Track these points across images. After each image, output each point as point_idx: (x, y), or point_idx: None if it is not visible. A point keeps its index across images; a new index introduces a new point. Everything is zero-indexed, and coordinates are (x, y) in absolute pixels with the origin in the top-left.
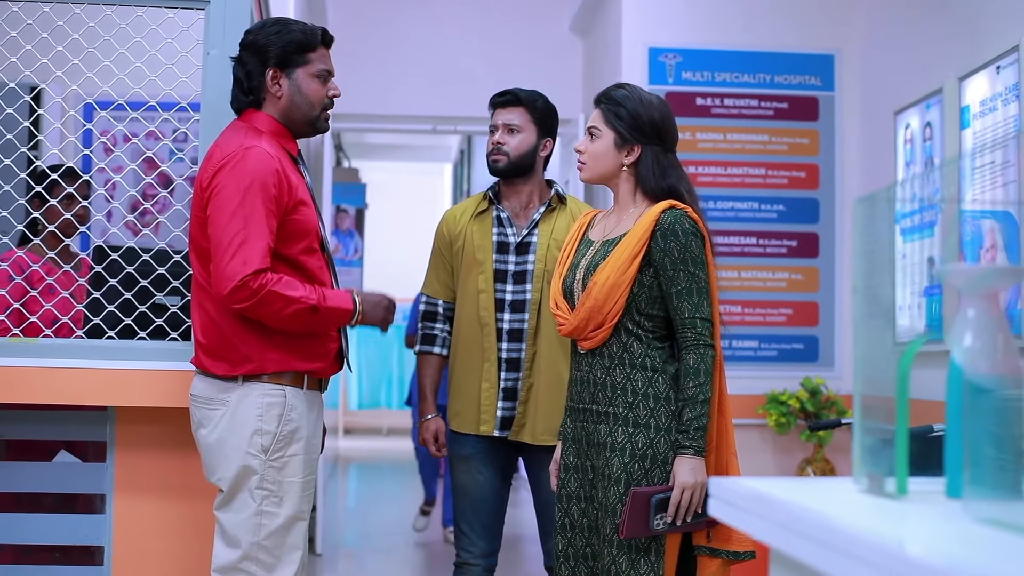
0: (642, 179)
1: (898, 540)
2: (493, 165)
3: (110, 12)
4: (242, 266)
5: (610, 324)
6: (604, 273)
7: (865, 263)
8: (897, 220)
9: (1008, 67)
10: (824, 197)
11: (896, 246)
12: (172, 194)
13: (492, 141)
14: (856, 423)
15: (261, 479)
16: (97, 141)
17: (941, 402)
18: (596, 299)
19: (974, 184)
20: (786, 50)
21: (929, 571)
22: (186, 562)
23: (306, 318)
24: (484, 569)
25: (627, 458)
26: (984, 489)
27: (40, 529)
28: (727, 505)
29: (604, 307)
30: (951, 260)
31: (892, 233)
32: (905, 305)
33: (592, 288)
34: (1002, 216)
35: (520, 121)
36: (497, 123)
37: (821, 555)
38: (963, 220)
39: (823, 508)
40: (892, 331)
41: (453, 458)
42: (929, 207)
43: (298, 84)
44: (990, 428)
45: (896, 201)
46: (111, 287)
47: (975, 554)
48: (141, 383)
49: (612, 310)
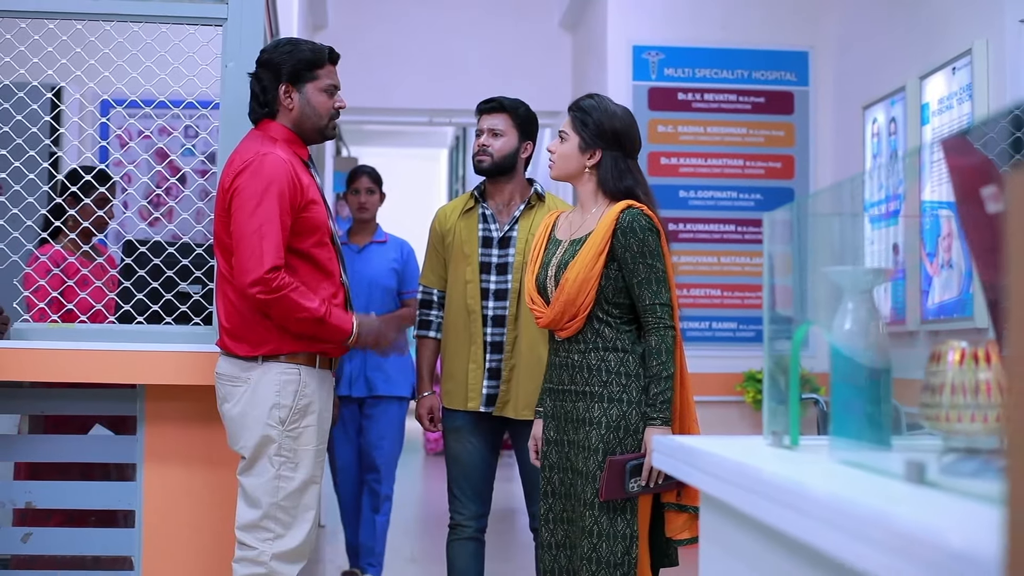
0: (602, 180)
1: (771, 472)
2: (478, 165)
3: (137, 29)
4: (259, 261)
5: (583, 315)
6: (574, 271)
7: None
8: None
9: (962, 69)
10: (799, 186)
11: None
12: (183, 183)
13: (477, 144)
14: (764, 393)
15: (279, 447)
16: (112, 135)
17: (899, 379)
18: (569, 294)
19: (932, 177)
20: (763, 47)
21: (780, 489)
22: (210, 523)
23: (310, 327)
24: (476, 529)
25: (603, 430)
26: (850, 439)
27: (80, 495)
28: (666, 457)
29: (576, 301)
30: (837, 263)
31: (800, 234)
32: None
33: (564, 285)
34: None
35: (503, 126)
36: (483, 127)
37: (728, 490)
38: (923, 211)
39: (734, 456)
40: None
41: (446, 430)
42: (894, 197)
43: (308, 97)
44: (864, 393)
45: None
46: (139, 277)
47: (818, 478)
48: (167, 363)
49: (584, 303)
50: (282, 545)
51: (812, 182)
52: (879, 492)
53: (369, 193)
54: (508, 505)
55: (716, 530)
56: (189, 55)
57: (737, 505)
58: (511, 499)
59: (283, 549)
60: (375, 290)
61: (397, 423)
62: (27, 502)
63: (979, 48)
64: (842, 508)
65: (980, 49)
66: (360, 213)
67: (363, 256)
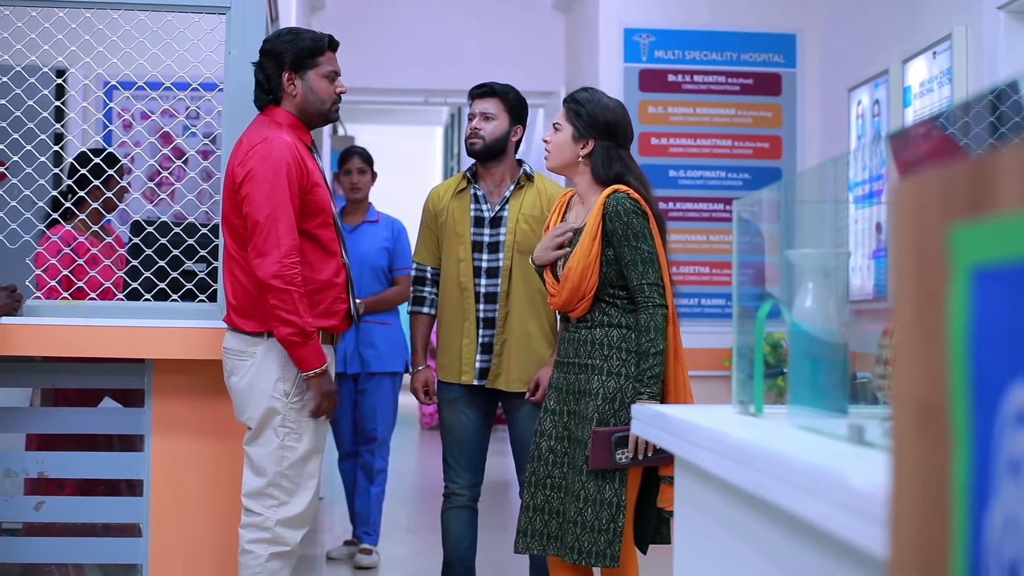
0: (594, 169)
1: (740, 436)
2: (470, 147)
3: (144, 17)
4: (277, 243)
5: (589, 296)
6: (575, 260)
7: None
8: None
9: (943, 53)
10: (786, 166)
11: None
12: (186, 164)
13: (470, 127)
14: (733, 365)
15: (283, 418)
16: (117, 118)
17: (871, 353)
18: (572, 281)
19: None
20: (751, 30)
21: (741, 451)
22: (216, 491)
23: (292, 334)
24: (470, 498)
25: (599, 401)
26: (806, 407)
27: (90, 465)
28: (644, 424)
29: (580, 286)
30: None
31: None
32: (857, 267)
33: (568, 274)
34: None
35: (495, 110)
36: (475, 111)
37: (697, 452)
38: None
39: (703, 423)
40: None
41: (441, 402)
42: (877, 177)
43: (310, 84)
44: (820, 365)
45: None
46: (147, 256)
47: (773, 441)
48: (174, 338)
49: (587, 286)
50: (286, 511)
51: (799, 162)
52: (822, 451)
53: (360, 173)
54: (501, 478)
55: (689, 490)
56: (194, 43)
57: (705, 466)
58: (504, 472)
59: (287, 515)
60: (366, 269)
61: (391, 398)
62: (39, 472)
63: (959, 33)
64: (787, 464)
65: (960, 34)
66: (352, 193)
67: (355, 236)
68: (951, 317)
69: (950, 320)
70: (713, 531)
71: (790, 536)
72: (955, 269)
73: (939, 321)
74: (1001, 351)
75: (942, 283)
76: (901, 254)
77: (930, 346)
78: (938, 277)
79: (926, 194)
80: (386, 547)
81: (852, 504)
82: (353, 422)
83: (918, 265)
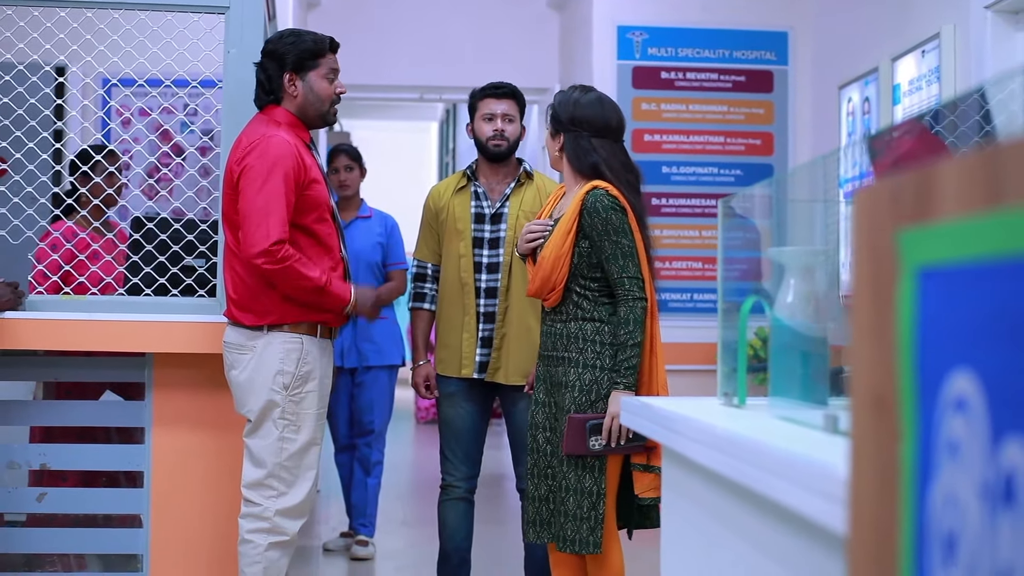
0: (569, 160)
1: (722, 426)
2: (495, 150)
3: (144, 16)
4: (266, 234)
5: (559, 287)
6: (548, 249)
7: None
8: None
9: (931, 52)
10: (778, 163)
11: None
12: (185, 161)
13: (494, 128)
14: (718, 359)
15: (282, 411)
16: (117, 118)
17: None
18: (544, 269)
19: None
20: (743, 27)
21: (724, 440)
22: (216, 482)
23: (311, 295)
24: (466, 490)
25: (576, 393)
26: (786, 399)
27: (92, 458)
28: (633, 416)
29: (551, 275)
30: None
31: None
32: (846, 262)
33: (541, 262)
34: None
35: (514, 112)
36: (496, 112)
37: (682, 442)
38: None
39: (689, 414)
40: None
41: (440, 396)
42: (867, 174)
43: (311, 84)
44: (800, 358)
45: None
46: (147, 252)
47: (754, 431)
48: (174, 333)
49: (558, 277)
50: (285, 502)
51: (791, 158)
52: (798, 440)
53: (348, 170)
54: (498, 471)
55: (675, 478)
56: (193, 41)
57: (690, 455)
58: (500, 465)
59: (286, 506)
60: (361, 265)
61: (387, 391)
62: (42, 463)
63: (947, 32)
64: (764, 451)
65: (948, 33)
66: (342, 190)
67: (349, 232)
68: (900, 314)
69: (899, 317)
70: (698, 517)
71: (770, 521)
72: (903, 270)
73: (890, 318)
74: (943, 345)
75: (892, 282)
76: (858, 255)
77: (883, 341)
78: (889, 277)
79: (878, 200)
80: (382, 539)
81: (822, 488)
82: (350, 415)
83: (872, 266)
